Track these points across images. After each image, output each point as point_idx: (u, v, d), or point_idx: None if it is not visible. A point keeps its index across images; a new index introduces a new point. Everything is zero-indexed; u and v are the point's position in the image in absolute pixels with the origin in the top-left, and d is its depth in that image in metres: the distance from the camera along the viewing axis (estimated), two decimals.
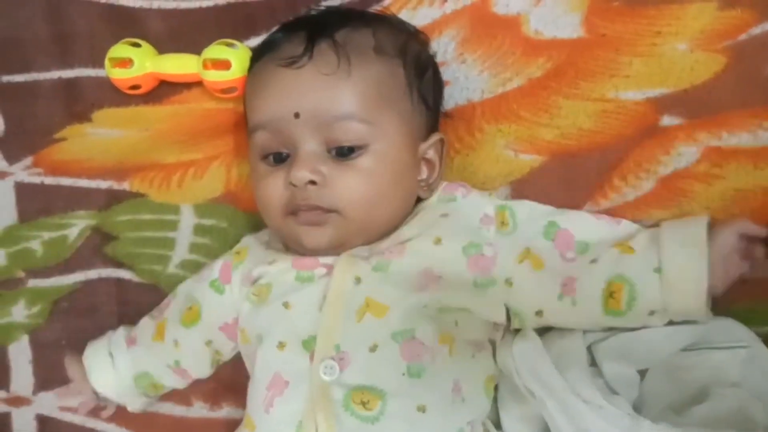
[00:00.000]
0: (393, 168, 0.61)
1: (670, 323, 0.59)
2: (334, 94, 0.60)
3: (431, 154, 0.65)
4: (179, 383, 0.72)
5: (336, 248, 0.61)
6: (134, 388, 0.71)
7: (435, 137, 0.66)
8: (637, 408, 0.57)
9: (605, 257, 0.60)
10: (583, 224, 0.64)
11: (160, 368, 0.70)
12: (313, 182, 0.60)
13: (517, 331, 0.62)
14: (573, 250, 0.62)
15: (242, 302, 0.65)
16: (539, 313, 0.61)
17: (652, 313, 0.59)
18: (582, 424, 0.54)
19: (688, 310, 0.58)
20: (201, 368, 0.71)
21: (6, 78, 0.83)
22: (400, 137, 0.62)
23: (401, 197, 0.63)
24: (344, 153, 0.60)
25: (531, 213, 0.65)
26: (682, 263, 0.58)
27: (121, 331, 0.72)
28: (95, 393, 0.72)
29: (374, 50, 0.62)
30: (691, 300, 0.57)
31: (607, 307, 0.59)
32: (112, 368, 0.70)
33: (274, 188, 0.62)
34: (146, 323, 0.72)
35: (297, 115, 0.60)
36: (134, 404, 0.73)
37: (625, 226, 0.64)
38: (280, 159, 0.62)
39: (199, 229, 0.77)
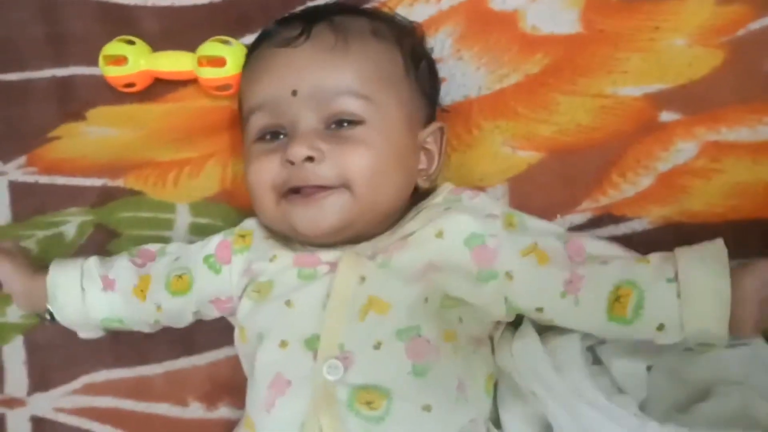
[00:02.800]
0: (393, 145, 0.60)
1: None
2: (332, 70, 0.60)
3: (430, 143, 0.65)
4: (150, 331, 0.70)
5: (336, 234, 0.60)
6: (98, 325, 0.69)
7: (435, 125, 0.66)
8: (641, 407, 0.56)
9: (617, 261, 0.57)
10: (595, 242, 0.61)
11: (137, 321, 0.69)
12: (310, 159, 0.58)
13: (515, 325, 0.61)
14: (583, 257, 0.59)
15: (241, 295, 0.64)
16: (539, 309, 0.59)
17: (661, 327, 0.54)
18: (586, 424, 0.53)
19: (706, 328, 0.53)
20: (178, 324, 0.69)
21: (0, 77, 0.83)
22: (398, 117, 0.61)
23: (402, 178, 0.62)
24: (342, 126, 0.60)
25: (542, 224, 0.63)
26: (700, 276, 0.53)
27: (94, 267, 0.68)
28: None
29: (372, 33, 0.62)
30: (710, 317, 0.52)
31: (612, 313, 0.55)
32: (82, 303, 0.67)
33: (269, 168, 0.61)
34: (126, 270, 0.68)
35: (294, 93, 0.60)
36: (88, 335, 0.71)
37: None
38: (277, 138, 0.62)
39: (194, 228, 0.77)
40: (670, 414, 0.56)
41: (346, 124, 0.60)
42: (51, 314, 0.69)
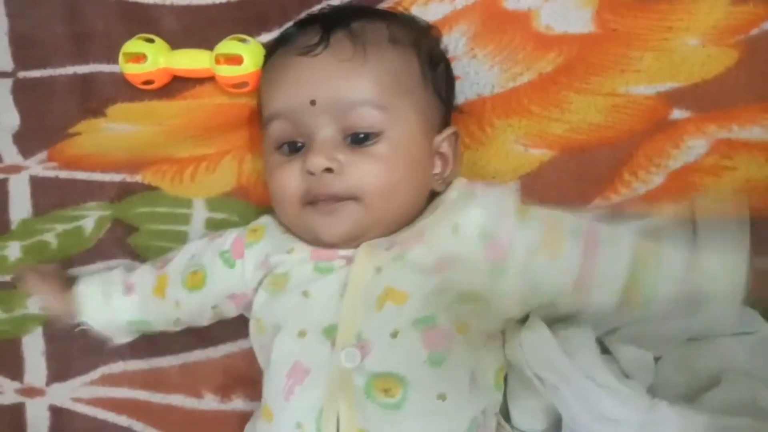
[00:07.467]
0: (409, 156, 0.61)
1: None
2: (351, 81, 0.60)
3: (445, 147, 0.65)
4: (174, 329, 0.72)
5: (353, 240, 0.61)
6: (126, 328, 0.71)
7: (449, 130, 0.66)
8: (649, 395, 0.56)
9: (627, 254, 0.57)
10: (606, 229, 0.60)
11: (160, 321, 0.70)
12: (329, 170, 0.59)
13: (524, 321, 0.62)
14: (596, 245, 0.59)
15: (256, 288, 0.64)
16: (552, 304, 0.60)
17: (672, 304, 0.57)
18: (597, 407, 0.54)
19: (718, 294, 0.55)
20: (200, 322, 0.70)
21: (23, 74, 0.84)
22: (415, 126, 0.62)
23: (416, 187, 0.63)
24: (360, 140, 0.60)
25: (555, 215, 0.62)
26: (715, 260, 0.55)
27: (116, 275, 0.71)
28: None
29: (389, 40, 0.62)
30: (724, 284, 0.55)
31: (625, 303, 0.57)
32: (108, 310, 0.69)
33: (290, 178, 0.62)
34: (146, 273, 0.70)
35: (313, 103, 0.60)
36: (120, 339, 0.72)
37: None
38: (295, 149, 0.63)
39: (210, 223, 0.77)
40: (678, 403, 0.55)
41: (363, 136, 0.60)
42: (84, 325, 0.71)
